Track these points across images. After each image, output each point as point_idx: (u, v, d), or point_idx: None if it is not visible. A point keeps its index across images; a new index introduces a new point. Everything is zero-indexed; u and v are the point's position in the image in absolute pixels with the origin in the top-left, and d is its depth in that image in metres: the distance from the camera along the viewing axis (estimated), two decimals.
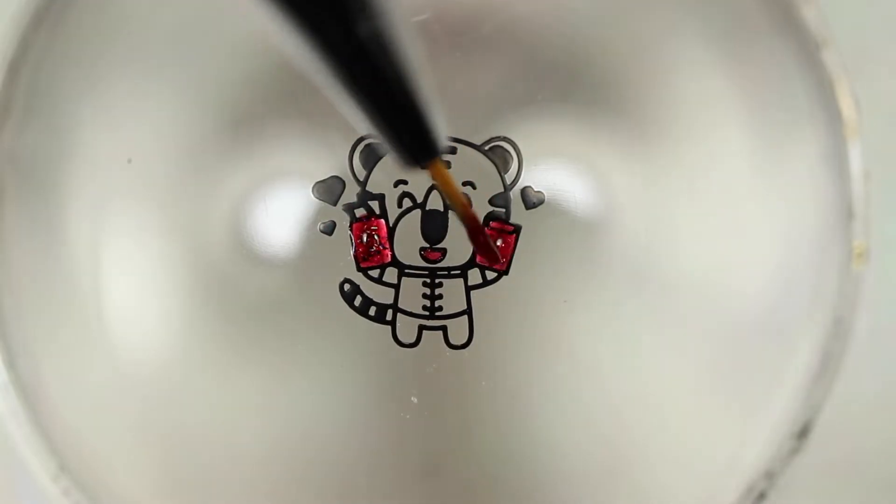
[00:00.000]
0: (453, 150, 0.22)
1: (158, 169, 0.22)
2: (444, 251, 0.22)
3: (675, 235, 0.22)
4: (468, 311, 0.22)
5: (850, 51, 0.21)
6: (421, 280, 0.22)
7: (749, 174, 0.22)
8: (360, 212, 0.22)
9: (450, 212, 0.22)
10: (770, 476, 0.22)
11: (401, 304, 0.22)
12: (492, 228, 0.22)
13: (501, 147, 0.22)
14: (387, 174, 0.22)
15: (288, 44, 0.13)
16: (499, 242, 0.22)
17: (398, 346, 0.22)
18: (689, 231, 0.22)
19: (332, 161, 0.22)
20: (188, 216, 0.22)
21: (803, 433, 0.22)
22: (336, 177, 0.22)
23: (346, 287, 0.22)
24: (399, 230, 0.22)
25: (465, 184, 0.22)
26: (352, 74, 0.13)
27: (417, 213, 0.22)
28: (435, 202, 0.22)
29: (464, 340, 0.22)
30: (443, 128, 0.16)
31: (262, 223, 0.22)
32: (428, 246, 0.22)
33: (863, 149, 0.21)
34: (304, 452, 0.23)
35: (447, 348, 0.22)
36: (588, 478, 0.23)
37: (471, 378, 0.22)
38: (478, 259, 0.22)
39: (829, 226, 0.22)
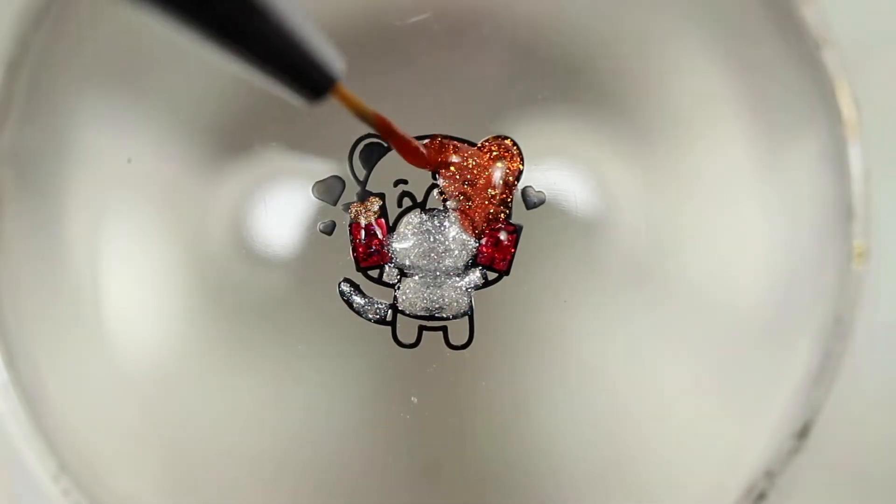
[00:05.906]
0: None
1: (158, 169, 0.22)
2: None
3: (675, 235, 0.22)
4: (468, 312, 0.22)
5: (850, 51, 0.21)
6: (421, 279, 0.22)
7: (749, 174, 0.22)
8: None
9: (450, 212, 0.22)
10: (770, 476, 0.22)
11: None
12: (492, 229, 0.22)
13: None
14: (387, 174, 0.22)
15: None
16: (501, 238, 0.22)
17: (398, 347, 0.22)
18: (689, 231, 0.22)
19: (332, 161, 0.22)
20: (188, 216, 0.22)
21: (803, 433, 0.22)
22: (336, 176, 0.22)
23: (346, 287, 0.22)
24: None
25: (465, 183, 0.22)
26: (213, 18, 0.13)
27: (417, 212, 0.22)
28: (435, 201, 0.22)
29: (464, 341, 0.22)
30: (334, 54, 0.16)
31: (262, 223, 0.22)
32: None
33: (863, 149, 0.21)
34: (304, 452, 0.23)
35: (447, 349, 0.22)
36: (588, 477, 0.23)
37: (471, 378, 0.22)
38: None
39: (829, 226, 0.22)
